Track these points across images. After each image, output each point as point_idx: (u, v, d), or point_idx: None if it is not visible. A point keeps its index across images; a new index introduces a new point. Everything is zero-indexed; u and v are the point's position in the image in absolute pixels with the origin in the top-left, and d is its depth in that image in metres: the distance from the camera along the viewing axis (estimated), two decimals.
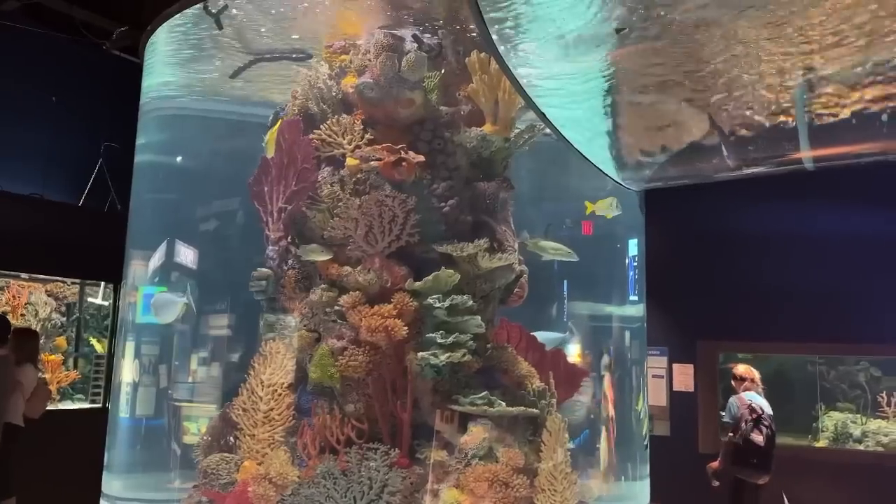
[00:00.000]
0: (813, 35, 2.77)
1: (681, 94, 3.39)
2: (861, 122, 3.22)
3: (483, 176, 3.93)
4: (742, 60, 2.99)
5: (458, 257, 3.70)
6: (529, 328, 4.26)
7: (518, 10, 2.90)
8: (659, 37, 2.93)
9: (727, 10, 2.66)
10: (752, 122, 3.39)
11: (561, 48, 3.25)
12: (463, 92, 3.91)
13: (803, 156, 3.53)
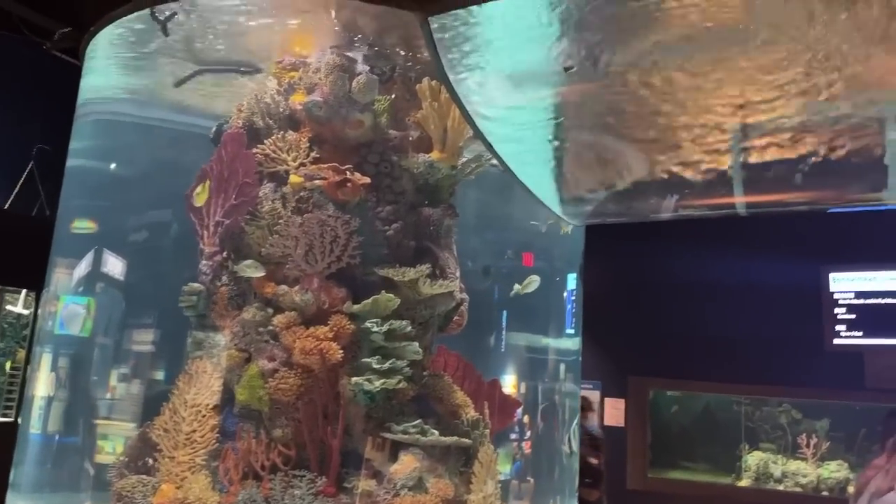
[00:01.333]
0: (749, 85, 2.89)
1: (623, 134, 3.48)
2: (792, 171, 3.37)
3: (428, 202, 3.93)
4: (682, 105, 3.09)
5: (400, 282, 3.66)
6: (467, 357, 4.24)
7: (471, 41, 2.92)
8: (604, 77, 3.01)
9: (670, 57, 2.76)
10: (689, 166, 3.50)
11: (511, 82, 3.29)
12: (412, 118, 3.91)
13: (736, 201, 3.66)
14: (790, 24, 2.51)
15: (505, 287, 4.11)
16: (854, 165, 3.26)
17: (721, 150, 3.40)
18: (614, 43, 2.76)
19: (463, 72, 3.17)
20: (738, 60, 2.76)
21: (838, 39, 2.53)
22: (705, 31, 2.63)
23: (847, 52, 2.60)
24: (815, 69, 2.69)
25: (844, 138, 3.10)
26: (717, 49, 2.71)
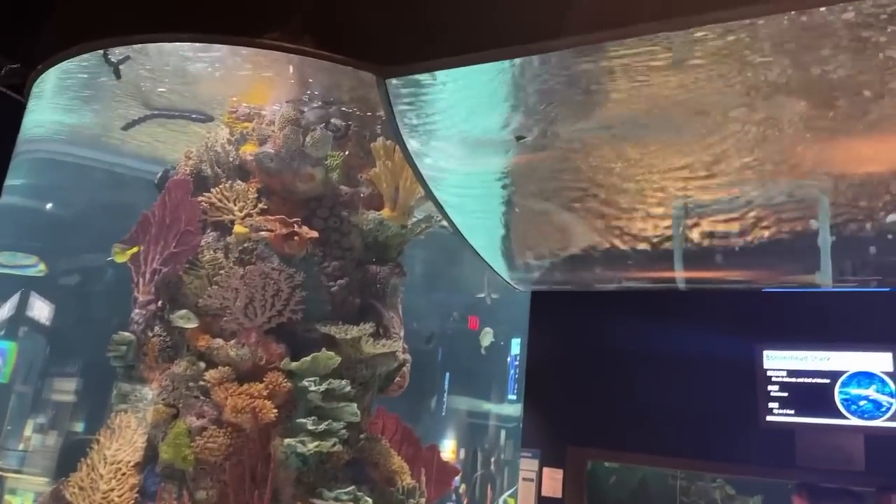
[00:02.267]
0: (693, 167, 3.00)
1: (571, 205, 3.55)
2: (730, 250, 3.48)
3: (376, 259, 3.89)
4: (628, 181, 3.18)
5: (342, 339, 3.57)
6: (407, 420, 4.14)
7: (427, 105, 2.97)
8: (554, 149, 3.08)
9: (616, 135, 2.85)
10: (632, 239, 3.59)
11: (465, 147, 3.34)
12: (365, 175, 3.91)
13: (677, 276, 3.75)
14: (730, 114, 2.64)
15: (448, 349, 4.06)
16: (788, 247, 3.40)
17: (663, 226, 3.50)
18: (564, 118, 2.84)
19: (418, 134, 3.21)
20: (681, 143, 2.88)
21: (775, 129, 2.67)
22: (649, 115, 2.74)
23: (783, 141, 2.74)
24: (754, 155, 2.82)
25: (780, 221, 3.24)
26: (661, 131, 2.81)
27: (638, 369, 4.30)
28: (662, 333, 4.16)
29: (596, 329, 4.25)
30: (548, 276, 4.19)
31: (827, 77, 2.28)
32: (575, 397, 4.67)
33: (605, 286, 4.11)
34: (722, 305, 4.02)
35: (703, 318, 4.07)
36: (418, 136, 3.27)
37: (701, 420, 4.07)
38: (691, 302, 4.03)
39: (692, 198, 3.29)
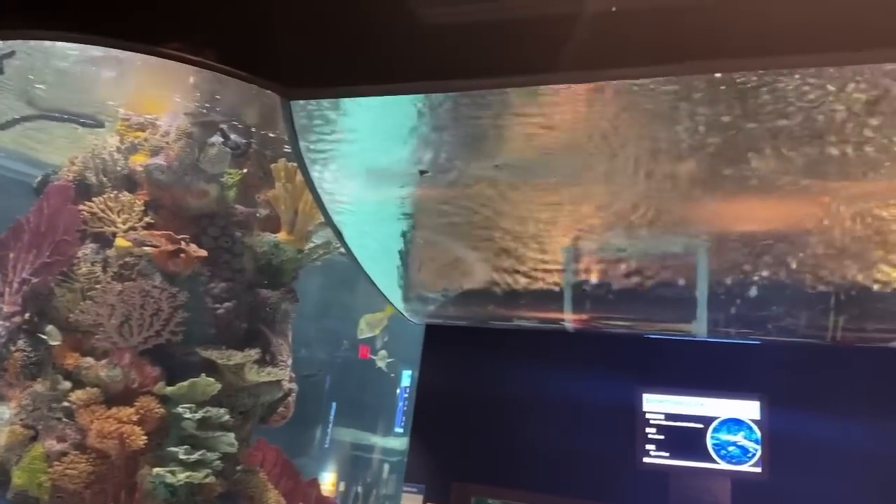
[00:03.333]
0: (586, 212, 3.11)
1: (469, 241, 3.59)
2: (616, 296, 3.61)
3: (268, 284, 3.79)
4: (526, 222, 3.26)
5: (224, 366, 3.43)
6: (288, 452, 4.01)
7: (332, 132, 2.93)
8: (457, 186, 3.11)
9: (518, 176, 2.92)
10: (525, 279, 3.66)
11: (367, 176, 3.32)
12: (263, 196, 3.82)
13: (565, 318, 3.85)
14: (622, 165, 2.76)
15: (337, 378, 3.98)
16: (668, 297, 3.57)
17: (555, 268, 3.60)
18: (468, 156, 2.89)
19: (321, 159, 3.16)
20: (576, 188, 2.98)
21: (663, 184, 2.82)
22: (545, 159, 2.82)
23: (670, 196, 2.89)
24: (642, 206, 2.96)
25: (662, 271, 3.40)
26: (556, 175, 2.90)
27: (525, 408, 4.35)
28: (549, 373, 4.24)
29: (487, 366, 4.29)
30: (442, 311, 4.20)
31: (713, 139, 2.43)
32: (463, 433, 4.65)
33: (498, 324, 4.17)
34: (606, 348, 4.15)
35: (588, 360, 4.18)
36: (321, 161, 3.22)
37: (582, 459, 4.14)
38: (578, 344, 4.14)
39: (583, 242, 3.40)
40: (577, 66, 1.99)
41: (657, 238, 3.15)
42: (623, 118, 2.44)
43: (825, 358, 3.63)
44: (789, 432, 3.53)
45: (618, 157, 2.68)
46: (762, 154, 2.48)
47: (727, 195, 2.79)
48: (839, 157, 2.40)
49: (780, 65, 1.97)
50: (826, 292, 3.19)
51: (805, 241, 2.95)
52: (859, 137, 2.28)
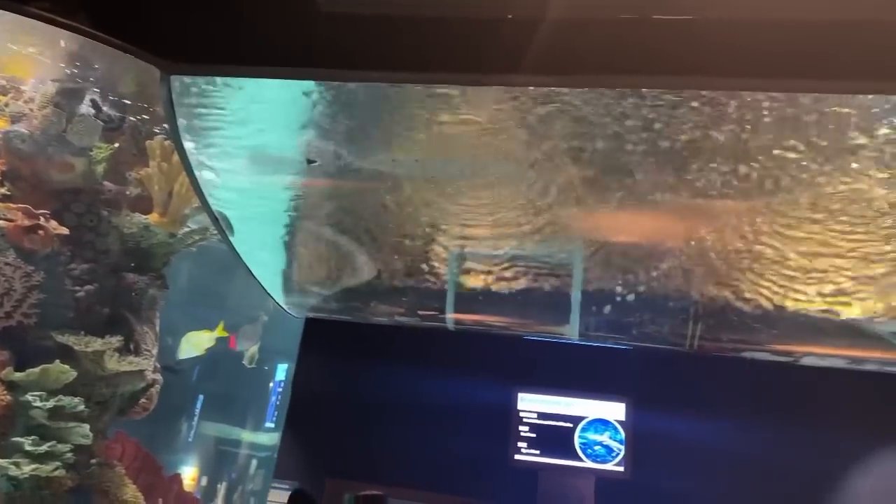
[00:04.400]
0: (473, 214, 3.15)
1: (356, 235, 3.54)
2: (496, 297, 3.69)
3: (136, 267, 3.56)
4: (414, 220, 3.25)
5: (81, 352, 3.20)
6: (149, 446, 3.80)
7: (215, 113, 2.80)
8: (347, 178, 3.06)
9: (410, 173, 2.91)
10: (410, 277, 3.66)
11: (251, 162, 3.20)
12: (136, 174, 3.59)
13: (447, 316, 3.88)
14: (508, 170, 2.81)
15: (204, 369, 3.80)
16: (545, 300, 3.68)
17: (439, 267, 3.62)
18: (359, 149, 2.84)
19: (201, 140, 3.01)
20: (464, 189, 3.00)
21: (548, 191, 2.89)
22: (435, 160, 2.83)
23: (553, 204, 2.97)
24: (525, 211, 3.03)
25: (541, 275, 3.50)
26: (447, 175, 2.92)
27: (403, 405, 4.36)
28: (429, 371, 4.26)
29: (366, 362, 4.25)
30: (324, 305, 4.12)
31: (599, 153, 2.52)
32: (339, 429, 4.59)
33: (380, 320, 4.14)
34: (485, 348, 4.22)
35: (467, 359, 4.24)
36: (201, 142, 3.07)
37: (458, 456, 4.19)
38: (458, 343, 4.19)
39: (469, 243, 3.44)
40: (471, 68, 2.00)
41: (538, 244, 3.24)
42: (509, 126, 2.48)
43: (685, 364, 3.88)
44: (651, 433, 3.74)
45: (504, 164, 2.73)
46: (642, 170, 2.60)
47: (606, 207, 2.91)
48: (709, 179, 2.56)
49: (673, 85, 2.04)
50: (687, 303, 3.40)
51: (672, 254, 3.12)
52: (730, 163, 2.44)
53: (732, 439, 3.69)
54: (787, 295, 3.03)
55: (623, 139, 2.52)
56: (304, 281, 4.05)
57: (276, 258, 3.86)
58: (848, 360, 3.43)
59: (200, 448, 4.01)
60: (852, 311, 3.06)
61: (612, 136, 2.50)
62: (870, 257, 2.73)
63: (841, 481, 3.46)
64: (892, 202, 2.41)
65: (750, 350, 3.59)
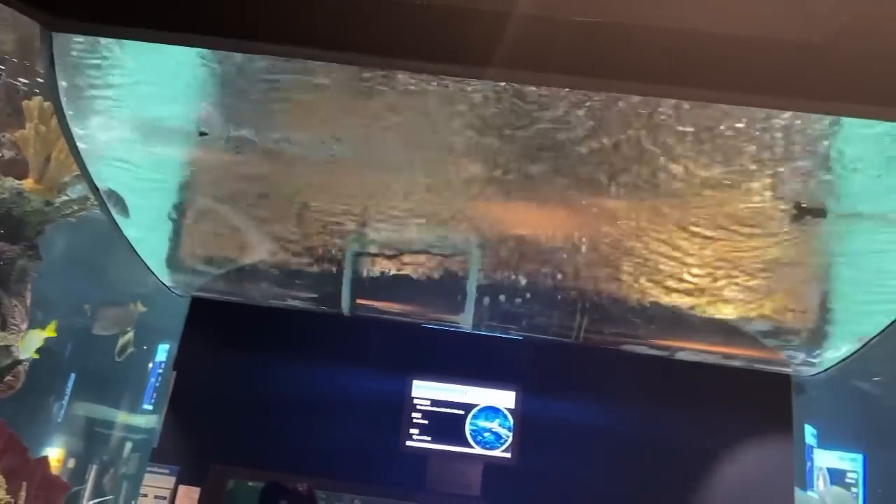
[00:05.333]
0: (375, 198, 3.12)
1: (252, 214, 3.44)
2: (394, 284, 3.68)
3: (6, 236, 3.31)
4: (314, 201, 3.18)
5: None
6: (15, 426, 3.55)
7: (102, 75, 2.63)
8: (243, 154, 2.96)
9: (313, 152, 2.84)
10: (306, 259, 3.59)
11: (139, 130, 3.03)
12: (10, 135, 3.33)
13: (343, 301, 3.84)
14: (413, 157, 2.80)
15: (77, 346, 3.59)
16: (442, 289, 3.71)
17: (337, 250, 3.57)
18: (259, 125, 2.75)
19: (83, 102, 2.82)
20: (366, 172, 2.97)
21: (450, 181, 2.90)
22: (333, 141, 2.78)
23: (454, 193, 2.99)
24: (428, 199, 3.02)
25: (439, 264, 3.53)
26: (351, 157, 2.87)
27: (294, 390, 4.29)
28: (322, 356, 4.21)
29: (255, 345, 4.15)
30: (212, 284, 3.98)
31: (504, 147, 2.55)
32: (225, 413, 4.47)
33: (271, 302, 4.04)
34: (381, 334, 4.21)
35: (362, 345, 4.21)
36: (83, 105, 2.88)
37: (348, 442, 4.17)
38: (353, 328, 4.16)
39: (366, 229, 3.41)
40: (376, 50, 1.96)
41: (437, 232, 3.26)
42: (411, 114, 2.47)
43: (572, 355, 4.02)
44: (539, 420, 3.86)
45: (405, 151, 2.71)
46: (540, 165, 2.66)
47: (503, 200, 2.96)
48: (598, 178, 2.65)
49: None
50: (575, 296, 3.53)
51: (564, 248, 3.22)
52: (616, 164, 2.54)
53: (613, 426, 3.88)
54: (664, 293, 3.20)
55: (520, 135, 2.56)
56: (191, 259, 3.89)
57: (162, 234, 3.69)
58: (719, 356, 3.67)
59: (70, 429, 3.78)
60: (724, 312, 3.27)
61: (510, 131, 2.54)
62: (739, 262, 2.92)
63: (709, 463, 3.71)
64: (754, 212, 2.58)
65: (630, 343, 3.77)
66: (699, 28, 1.71)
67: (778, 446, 3.70)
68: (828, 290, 3.18)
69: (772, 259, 2.90)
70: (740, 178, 2.46)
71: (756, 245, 2.82)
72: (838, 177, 2.45)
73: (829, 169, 2.41)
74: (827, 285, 3.12)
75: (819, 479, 6.81)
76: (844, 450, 6.94)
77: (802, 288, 3.13)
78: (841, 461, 6.87)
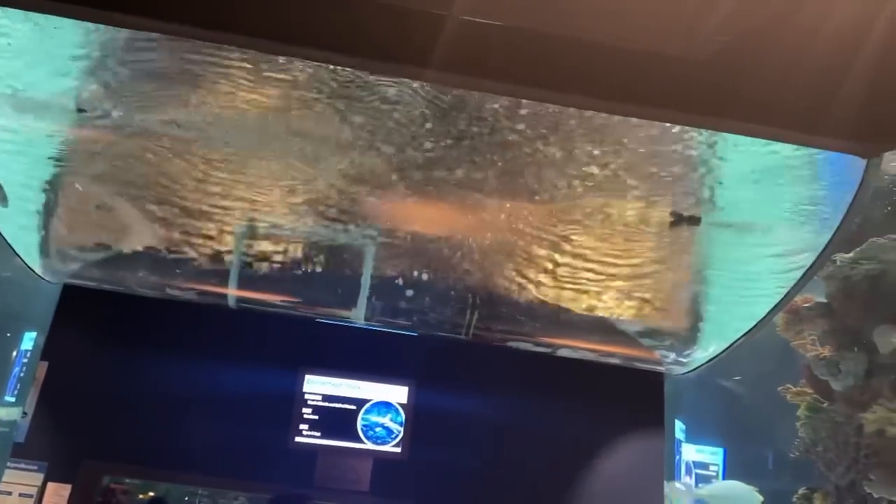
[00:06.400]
0: (266, 189, 3.03)
1: (128, 199, 3.26)
2: (285, 277, 3.60)
3: None
4: (202, 189, 3.06)
5: None
6: None
7: None
8: (127, 135, 2.81)
9: (202, 137, 2.72)
10: (189, 248, 3.45)
11: (9, 103, 2.81)
12: None
13: (229, 293, 3.71)
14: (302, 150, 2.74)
15: None
16: (335, 282, 3.67)
17: (224, 241, 3.45)
18: (144, 105, 2.61)
19: None
20: (260, 163, 2.87)
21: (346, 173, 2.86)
22: (225, 127, 2.68)
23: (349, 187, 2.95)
24: (319, 192, 2.97)
25: (332, 257, 3.48)
26: (243, 146, 2.78)
27: (175, 383, 4.12)
28: (206, 349, 4.06)
29: (134, 336, 3.95)
30: (87, 272, 3.74)
31: (394, 143, 2.54)
32: (99, 407, 4.24)
33: (149, 292, 3.86)
34: (271, 328, 4.11)
35: (250, 339, 4.10)
36: None
37: (234, 439, 4.05)
38: (240, 321, 4.03)
39: (256, 219, 3.32)
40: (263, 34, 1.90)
41: (331, 225, 3.21)
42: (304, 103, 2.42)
43: (463, 351, 4.07)
44: (430, 415, 3.89)
45: (296, 140, 2.65)
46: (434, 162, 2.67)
47: (398, 196, 2.95)
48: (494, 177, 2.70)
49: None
50: (465, 294, 3.58)
51: (457, 246, 3.26)
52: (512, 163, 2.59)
53: (500, 419, 3.98)
54: (548, 292, 3.31)
55: (415, 133, 2.57)
56: (64, 243, 3.65)
57: (33, 215, 3.45)
58: (598, 354, 3.83)
59: None
60: (603, 311, 3.42)
61: (405, 128, 2.55)
62: (619, 265, 3.06)
63: (589, 455, 3.89)
64: (634, 218, 2.72)
65: (516, 340, 3.87)
66: (588, 38, 1.76)
67: (651, 440, 3.92)
68: (699, 294, 3.39)
69: (649, 263, 3.06)
70: (621, 184, 2.58)
71: (635, 249, 2.96)
72: (712, 188, 2.62)
73: (703, 180, 2.57)
74: (698, 289, 3.33)
75: (685, 472, 7.30)
76: (707, 444, 7.45)
77: (676, 291, 3.33)
78: (703, 454, 7.38)
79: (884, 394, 3.84)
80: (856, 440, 3.92)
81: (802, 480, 4.47)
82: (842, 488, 3.99)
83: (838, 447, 4.01)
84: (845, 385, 4.04)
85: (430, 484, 3.87)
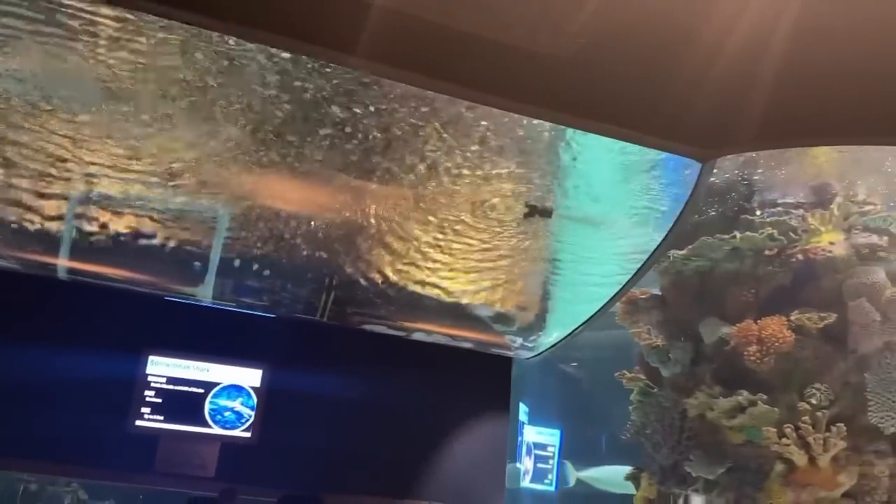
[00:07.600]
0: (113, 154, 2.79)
1: None
2: (126, 249, 3.35)
3: None
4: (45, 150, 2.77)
5: None
6: None
7: None
8: None
9: (30, 91, 2.46)
10: (14, 212, 3.13)
11: None
12: None
13: (59, 264, 3.41)
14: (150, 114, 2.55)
15: None
16: (182, 257, 3.46)
17: (57, 207, 3.15)
18: None
19: None
20: (105, 126, 2.63)
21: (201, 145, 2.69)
22: (68, 83, 2.45)
23: (204, 157, 2.78)
24: (174, 162, 2.78)
25: (180, 231, 3.28)
26: (77, 105, 2.54)
27: (12, 363, 3.75)
28: (35, 326, 3.73)
29: None
30: None
31: (252, 116, 2.42)
32: None
33: None
34: (110, 304, 3.83)
35: (85, 316, 3.79)
36: None
37: (69, 423, 3.75)
38: (75, 294, 3.73)
39: (95, 186, 3.07)
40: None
41: (180, 196, 3.03)
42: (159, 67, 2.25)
43: (318, 333, 4.01)
44: (283, 398, 3.79)
45: (150, 104, 2.47)
46: (295, 140, 2.59)
47: (255, 170, 2.83)
48: (356, 159, 2.66)
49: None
50: (320, 275, 3.52)
51: (316, 226, 3.19)
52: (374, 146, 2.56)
53: (353, 402, 3.97)
54: (403, 276, 3.34)
55: (276, 105, 2.48)
56: None
57: None
58: (450, 338, 3.92)
59: None
60: (456, 296, 3.50)
61: (266, 100, 2.45)
62: (472, 252, 3.14)
63: (438, 435, 3.96)
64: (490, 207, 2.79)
65: (372, 323, 3.87)
66: (457, 27, 1.77)
67: (497, 422, 4.07)
68: (547, 281, 3.55)
69: (502, 251, 3.15)
70: (480, 173, 2.64)
71: (489, 237, 3.04)
72: (562, 182, 2.74)
73: (556, 174, 2.67)
74: (546, 278, 3.49)
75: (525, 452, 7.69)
76: (547, 426, 7.88)
77: (526, 279, 3.46)
78: (542, 436, 7.80)
79: (706, 381, 4.19)
80: (680, 423, 4.26)
81: (632, 461, 4.80)
82: (666, 468, 4.33)
83: (664, 430, 4.34)
84: (673, 372, 4.38)
85: (282, 468, 3.80)
